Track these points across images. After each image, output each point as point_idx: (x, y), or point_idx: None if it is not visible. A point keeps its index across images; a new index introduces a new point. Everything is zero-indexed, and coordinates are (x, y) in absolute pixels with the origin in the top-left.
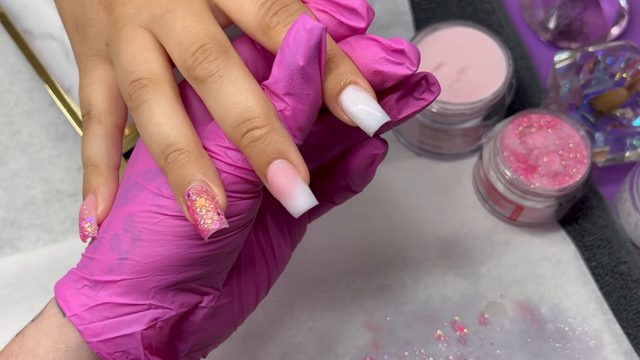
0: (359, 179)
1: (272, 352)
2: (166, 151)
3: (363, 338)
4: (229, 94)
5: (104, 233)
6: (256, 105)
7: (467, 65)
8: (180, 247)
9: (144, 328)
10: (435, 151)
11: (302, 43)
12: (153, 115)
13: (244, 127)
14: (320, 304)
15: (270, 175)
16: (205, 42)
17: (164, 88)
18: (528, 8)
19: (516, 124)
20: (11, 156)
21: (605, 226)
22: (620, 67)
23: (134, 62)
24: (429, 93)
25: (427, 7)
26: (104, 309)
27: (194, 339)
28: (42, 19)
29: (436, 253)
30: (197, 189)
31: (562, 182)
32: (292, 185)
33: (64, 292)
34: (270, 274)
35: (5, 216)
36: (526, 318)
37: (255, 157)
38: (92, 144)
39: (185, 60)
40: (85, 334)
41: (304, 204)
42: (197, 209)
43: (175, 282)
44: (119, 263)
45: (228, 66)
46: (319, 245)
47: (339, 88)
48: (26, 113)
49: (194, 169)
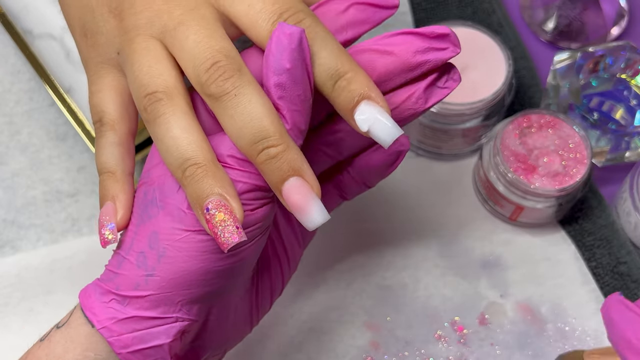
0: (379, 175)
1: (273, 352)
2: (184, 165)
3: (363, 338)
4: (245, 113)
5: (129, 249)
6: (271, 124)
7: (467, 66)
8: (204, 262)
9: (171, 340)
10: (435, 151)
11: (284, 47)
12: (170, 129)
13: (260, 145)
14: (320, 304)
15: (285, 192)
16: (219, 59)
17: (179, 102)
18: (528, 8)
19: (516, 124)
20: (11, 156)
21: (605, 226)
22: (620, 68)
23: (149, 74)
24: (452, 81)
25: (427, 7)
26: (133, 322)
27: (213, 343)
28: (43, 19)
29: (436, 253)
30: (215, 203)
31: (562, 182)
32: (307, 202)
33: (92, 305)
34: (284, 274)
35: (5, 216)
36: (526, 318)
37: (271, 174)
38: (107, 151)
39: (199, 76)
40: (115, 345)
41: (319, 219)
42: (216, 223)
43: (200, 295)
44: (146, 279)
45: (242, 85)
46: (319, 245)
47: (353, 105)
48: (26, 113)
49: (212, 183)
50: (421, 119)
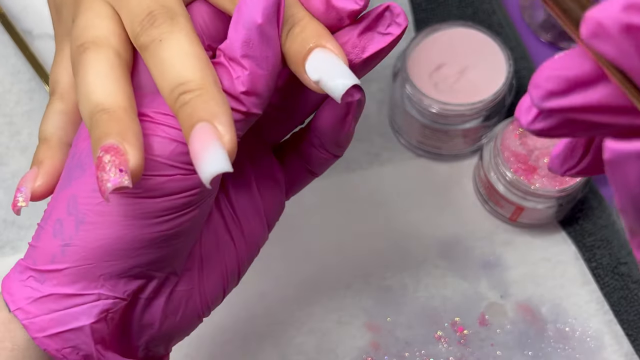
0: (334, 135)
1: (272, 353)
2: (93, 111)
3: (363, 339)
4: (167, 58)
5: (48, 218)
6: (193, 69)
7: (467, 66)
8: (129, 228)
9: (93, 321)
10: (436, 152)
11: (260, 0)
12: (86, 76)
13: (176, 90)
14: (320, 304)
15: (190, 139)
16: (154, 9)
17: (106, 51)
18: (528, 9)
19: (516, 124)
20: (11, 157)
21: (606, 227)
22: None
23: (83, 27)
24: (395, 26)
25: (427, 8)
26: (50, 301)
27: (151, 331)
28: (42, 19)
29: (436, 254)
30: (107, 146)
31: (563, 182)
32: (205, 147)
33: (10, 285)
34: (240, 258)
35: (5, 217)
36: (527, 319)
37: (183, 121)
38: (50, 118)
39: (134, 29)
40: (30, 328)
41: (213, 166)
42: (101, 165)
43: (126, 269)
44: (63, 250)
45: (172, 31)
46: (319, 246)
47: (305, 52)
48: (26, 113)
49: (112, 127)
50: (421, 119)
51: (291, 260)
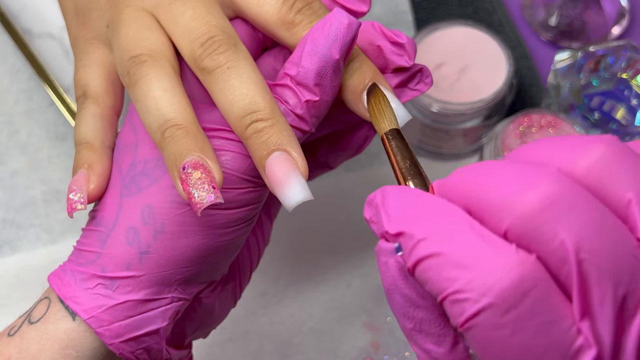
0: (344, 158)
1: (272, 352)
2: (164, 126)
3: (363, 338)
4: (236, 86)
5: (114, 225)
6: (262, 99)
7: (467, 65)
8: (207, 237)
9: (167, 323)
10: (436, 151)
11: (339, 37)
12: (151, 90)
13: (248, 118)
14: (320, 304)
15: (267, 165)
16: (215, 34)
17: (164, 65)
18: (529, 8)
19: (517, 123)
20: (10, 156)
21: None
22: (621, 67)
23: (134, 39)
24: (422, 84)
25: (427, 7)
26: (125, 308)
27: (201, 324)
28: (42, 18)
29: None
30: (193, 162)
31: None
32: (288, 177)
33: (73, 293)
34: (260, 249)
35: (4, 216)
36: None
37: (257, 149)
38: (88, 122)
39: (194, 50)
40: (105, 336)
41: (299, 195)
42: (191, 182)
43: (198, 274)
44: (140, 257)
45: (237, 59)
46: (318, 246)
47: (363, 86)
48: (25, 113)
49: (191, 144)
50: (422, 118)
51: (291, 260)
